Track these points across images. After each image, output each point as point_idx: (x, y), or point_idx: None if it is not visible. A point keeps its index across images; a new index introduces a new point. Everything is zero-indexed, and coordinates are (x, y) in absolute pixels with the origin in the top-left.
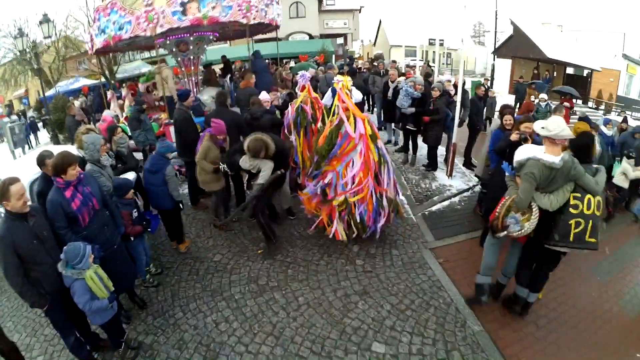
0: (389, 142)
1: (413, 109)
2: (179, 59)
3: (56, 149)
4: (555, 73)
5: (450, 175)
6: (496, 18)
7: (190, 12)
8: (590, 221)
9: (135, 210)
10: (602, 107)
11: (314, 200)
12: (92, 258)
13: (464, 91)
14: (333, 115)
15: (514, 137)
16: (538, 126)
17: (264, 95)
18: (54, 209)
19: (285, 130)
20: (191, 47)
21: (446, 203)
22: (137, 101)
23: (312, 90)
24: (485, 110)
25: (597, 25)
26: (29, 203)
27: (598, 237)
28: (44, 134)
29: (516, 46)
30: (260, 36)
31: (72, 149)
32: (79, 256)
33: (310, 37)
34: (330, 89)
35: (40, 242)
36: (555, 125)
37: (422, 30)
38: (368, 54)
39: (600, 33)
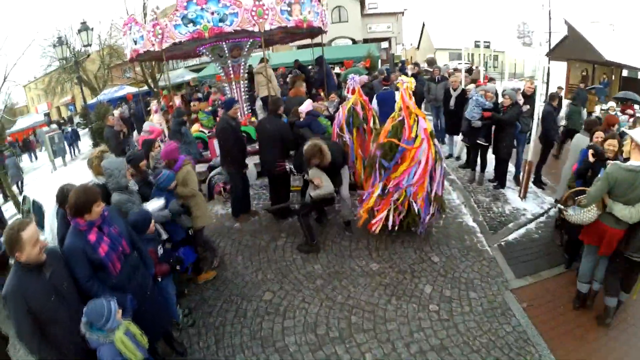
0: (449, 156)
1: (480, 123)
2: (226, 65)
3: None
4: (613, 77)
5: (524, 197)
6: (550, 18)
7: (294, 14)
8: None
9: (160, 246)
10: None
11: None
12: (121, 313)
13: (533, 100)
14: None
15: (590, 157)
16: (632, 134)
17: (306, 105)
18: (75, 258)
19: (337, 131)
20: (244, 52)
21: (522, 231)
22: (178, 112)
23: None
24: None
25: None
26: (49, 244)
27: None
28: (85, 143)
29: (571, 48)
30: (302, 42)
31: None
32: (103, 316)
33: (354, 41)
34: (375, 97)
35: (59, 297)
36: None
37: (466, 32)
38: (411, 57)
39: None
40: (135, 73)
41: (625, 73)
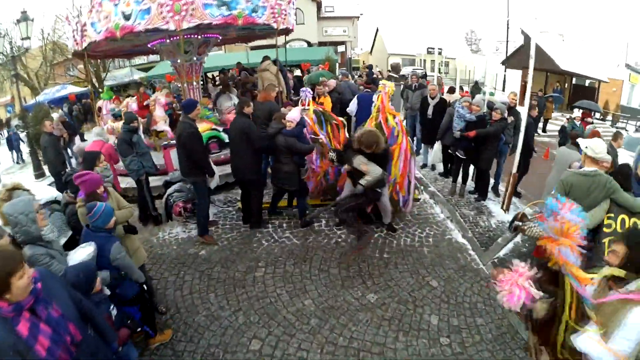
0: (424, 165)
1: (459, 134)
2: (182, 63)
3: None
4: (566, 84)
5: (507, 209)
6: (508, 27)
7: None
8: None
9: (112, 307)
10: (609, 117)
11: None
12: None
13: (517, 112)
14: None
15: None
16: (582, 144)
17: (294, 113)
18: None
19: (310, 136)
20: (198, 50)
21: (511, 245)
22: (128, 117)
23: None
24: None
25: (596, 34)
26: None
27: None
28: (24, 150)
29: (527, 57)
30: (256, 43)
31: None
32: None
33: (309, 44)
34: (355, 97)
35: None
36: (602, 149)
37: (419, 38)
38: (364, 62)
39: (601, 43)
40: (80, 71)
41: (574, 81)
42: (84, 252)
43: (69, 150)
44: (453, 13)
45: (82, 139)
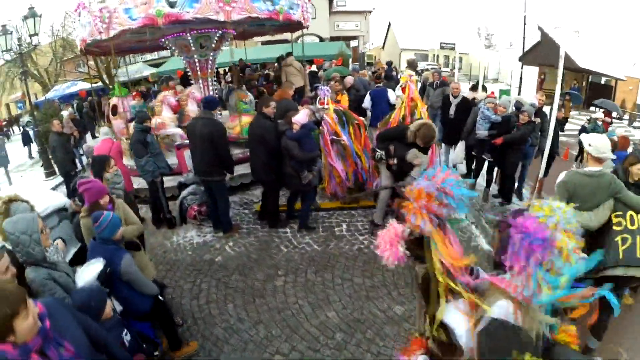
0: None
1: (486, 132)
2: (192, 60)
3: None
4: (583, 83)
5: None
6: (525, 23)
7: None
8: (638, 237)
9: (125, 332)
10: (626, 117)
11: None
12: None
13: (544, 114)
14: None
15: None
16: (585, 141)
17: (300, 115)
18: None
19: (330, 137)
20: (212, 45)
21: None
22: (140, 116)
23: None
24: None
25: (612, 31)
26: None
27: None
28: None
29: (544, 53)
30: (264, 38)
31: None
32: None
33: (321, 39)
34: (368, 93)
35: None
36: (606, 148)
37: (432, 33)
38: (376, 57)
39: (617, 40)
40: (90, 67)
41: (590, 79)
42: (93, 270)
43: (80, 149)
44: (465, 7)
45: (94, 137)
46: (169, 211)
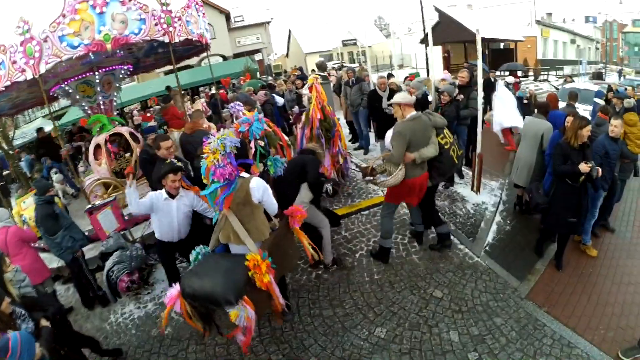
0: None
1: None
2: (97, 103)
3: None
4: (486, 51)
5: (478, 190)
6: (422, 6)
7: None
8: (454, 145)
9: None
10: (531, 73)
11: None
12: None
13: (469, 90)
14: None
15: (584, 168)
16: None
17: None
18: None
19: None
20: (116, 85)
21: (494, 227)
22: (39, 187)
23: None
24: None
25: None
26: None
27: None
28: None
29: (445, 32)
30: (166, 68)
31: None
32: None
33: (224, 58)
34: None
35: None
36: (406, 94)
37: (332, 33)
38: (281, 65)
39: (508, 4)
40: None
41: (489, 45)
42: None
43: None
44: (360, 2)
45: None
46: (98, 287)
